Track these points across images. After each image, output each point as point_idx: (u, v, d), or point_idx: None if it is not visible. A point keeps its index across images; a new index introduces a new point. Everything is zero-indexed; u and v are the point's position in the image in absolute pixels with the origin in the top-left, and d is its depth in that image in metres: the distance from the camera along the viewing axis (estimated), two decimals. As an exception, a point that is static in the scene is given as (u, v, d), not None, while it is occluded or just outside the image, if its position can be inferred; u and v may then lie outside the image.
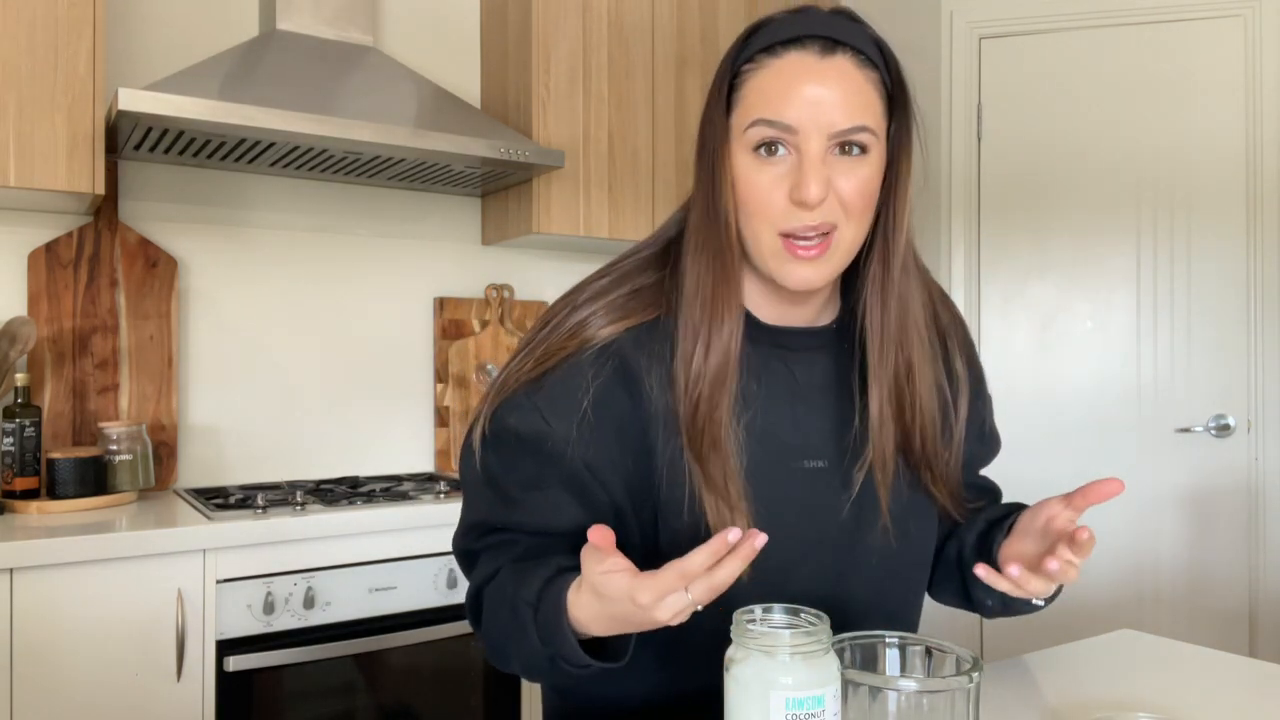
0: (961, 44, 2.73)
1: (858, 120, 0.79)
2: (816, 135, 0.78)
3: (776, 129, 0.79)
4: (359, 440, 2.43)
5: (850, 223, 0.81)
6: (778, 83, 0.79)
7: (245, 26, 2.28)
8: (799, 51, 0.80)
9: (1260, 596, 2.53)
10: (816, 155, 0.78)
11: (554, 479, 0.85)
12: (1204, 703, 0.92)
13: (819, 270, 0.81)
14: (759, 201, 0.81)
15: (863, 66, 0.81)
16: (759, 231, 0.82)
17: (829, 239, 0.81)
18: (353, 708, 1.86)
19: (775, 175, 0.80)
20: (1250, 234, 2.53)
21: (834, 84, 0.79)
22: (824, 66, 0.79)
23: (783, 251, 0.81)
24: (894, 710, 0.64)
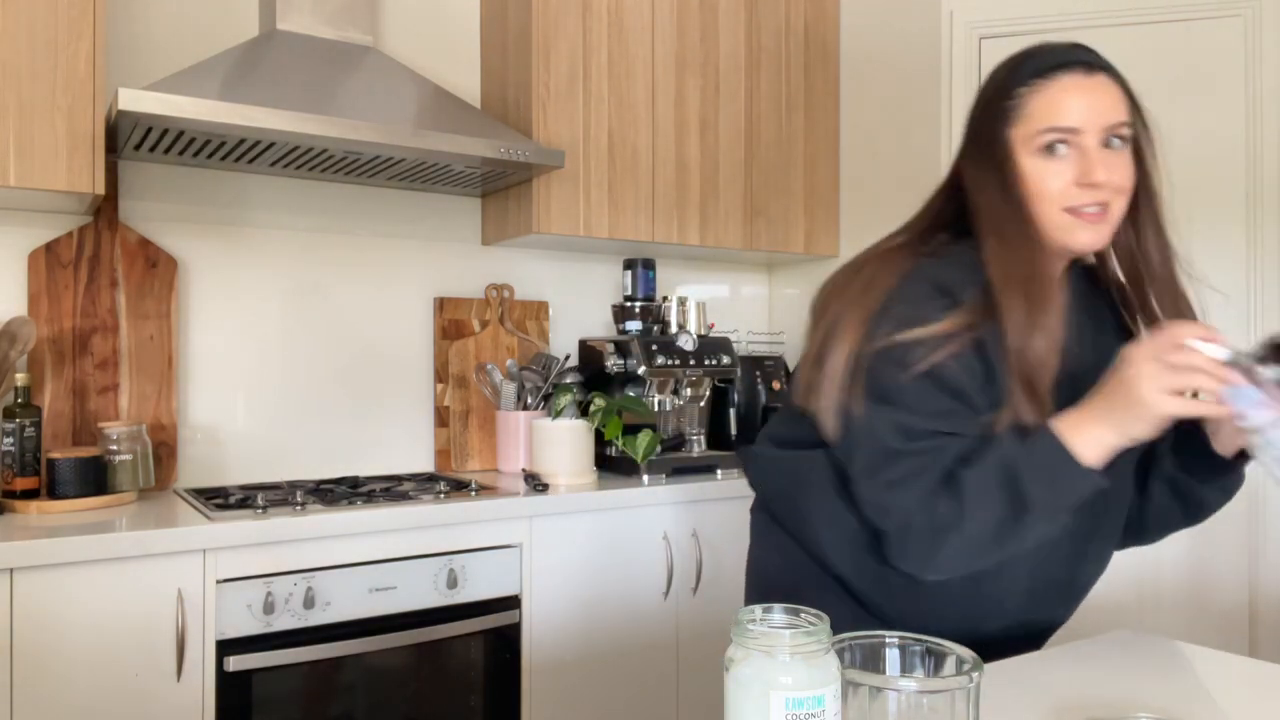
0: (961, 44, 2.73)
1: (1120, 116, 1.05)
2: (1094, 131, 1.03)
3: (1062, 132, 1.03)
4: (359, 440, 2.43)
5: (1118, 198, 1.05)
6: (1060, 97, 1.04)
7: (245, 26, 2.28)
8: (1069, 74, 1.05)
9: (1260, 596, 2.53)
10: (1095, 147, 1.03)
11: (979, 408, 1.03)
12: (1204, 703, 0.92)
13: (1100, 233, 1.05)
14: (1051, 189, 1.04)
15: (1114, 81, 1.07)
16: (1046, 211, 1.05)
17: (1106, 210, 1.04)
18: (353, 708, 1.86)
19: (1060, 167, 1.04)
20: (1250, 234, 2.53)
21: (1102, 93, 1.05)
22: (1092, 82, 1.05)
23: (1071, 222, 1.04)
24: (894, 710, 0.64)
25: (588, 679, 2.13)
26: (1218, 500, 1.14)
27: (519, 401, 2.46)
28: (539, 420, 2.28)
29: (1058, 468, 0.95)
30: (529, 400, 2.46)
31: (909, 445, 1.00)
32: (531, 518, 2.06)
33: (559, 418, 2.28)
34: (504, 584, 2.02)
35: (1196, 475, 1.10)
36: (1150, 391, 0.91)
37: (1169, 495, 1.16)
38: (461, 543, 1.97)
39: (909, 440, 1.01)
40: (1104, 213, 1.05)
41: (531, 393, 2.46)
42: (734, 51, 2.67)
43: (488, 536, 2.00)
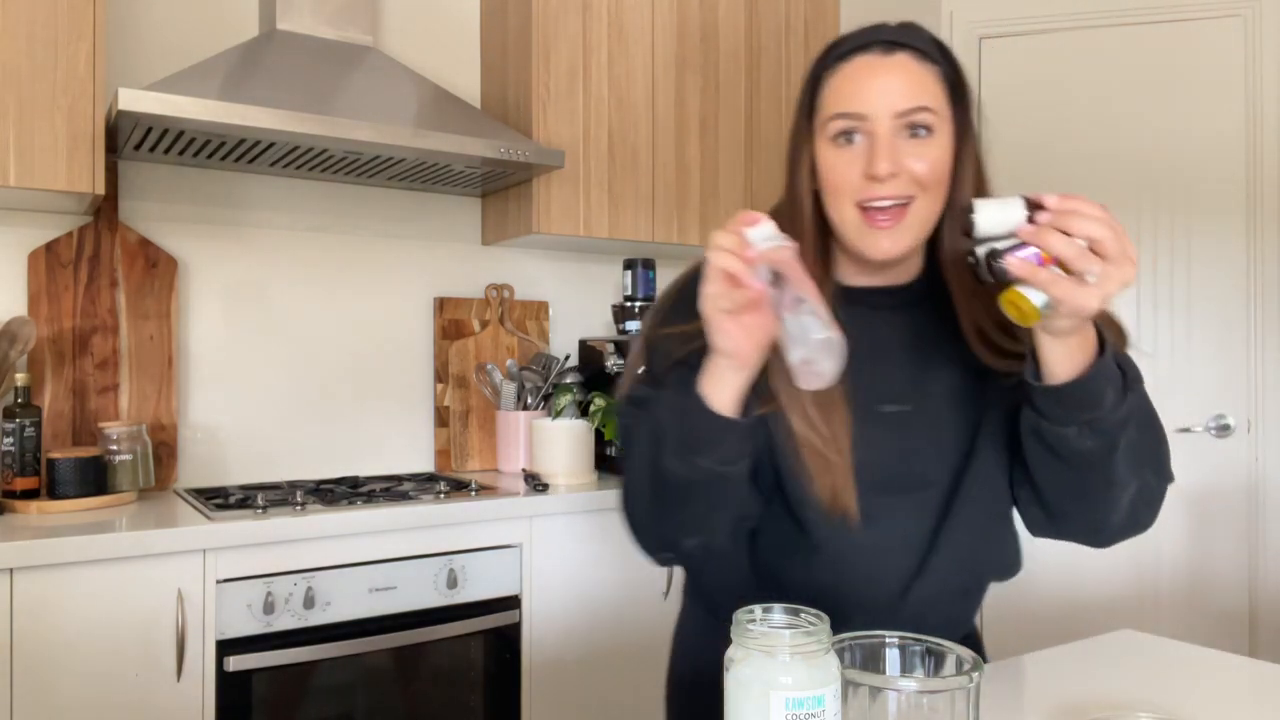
0: (961, 44, 2.73)
1: (917, 101, 0.91)
2: (884, 117, 0.91)
3: (850, 119, 0.92)
4: (359, 440, 2.43)
5: (926, 196, 0.92)
6: (849, 80, 0.94)
7: (245, 26, 2.28)
8: (865, 54, 0.94)
9: (1260, 596, 2.53)
10: (885, 135, 0.91)
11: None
12: (1204, 703, 0.92)
13: (896, 240, 0.92)
14: (837, 179, 0.94)
15: (921, 61, 0.93)
16: (840, 207, 0.94)
17: (905, 210, 0.92)
18: (353, 708, 1.86)
19: (850, 157, 0.93)
20: (1250, 234, 2.53)
21: (897, 74, 0.92)
22: (886, 62, 0.93)
23: (862, 224, 0.93)
24: (894, 710, 0.64)
25: (588, 679, 2.13)
26: (1086, 445, 0.88)
27: (519, 401, 2.46)
28: (539, 420, 2.28)
29: (689, 410, 0.88)
30: (529, 400, 2.46)
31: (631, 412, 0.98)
32: (531, 518, 2.06)
33: (559, 418, 2.28)
34: (504, 584, 2.02)
35: (1047, 414, 0.88)
36: (704, 303, 0.82)
37: (1041, 450, 0.93)
38: (461, 543, 1.97)
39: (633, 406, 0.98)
40: (901, 213, 0.92)
41: (531, 393, 2.46)
42: (734, 51, 2.67)
43: (488, 536, 2.00)
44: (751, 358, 0.84)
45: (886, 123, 0.91)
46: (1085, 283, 0.77)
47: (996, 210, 0.81)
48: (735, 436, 0.88)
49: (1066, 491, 0.94)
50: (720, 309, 0.82)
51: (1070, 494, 0.93)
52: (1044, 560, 2.66)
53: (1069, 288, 0.77)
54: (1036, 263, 0.78)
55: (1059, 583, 2.67)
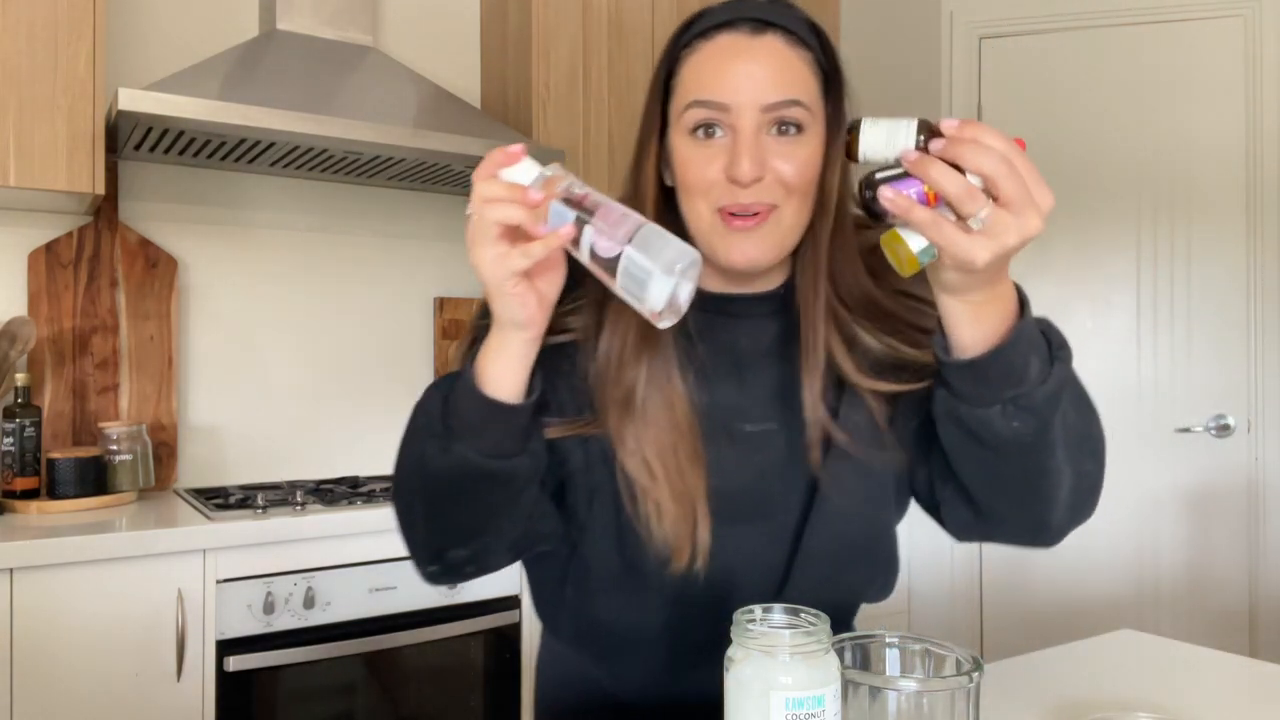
0: (961, 44, 2.73)
1: (788, 94, 0.79)
2: (749, 110, 0.78)
3: (710, 109, 0.79)
4: (359, 440, 2.43)
5: (792, 201, 0.80)
6: (710, 63, 0.81)
7: (245, 26, 2.28)
8: (730, 33, 0.81)
9: (1260, 596, 2.53)
10: (749, 131, 0.78)
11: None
12: (1204, 703, 0.92)
13: (760, 247, 0.81)
14: (696, 179, 0.81)
15: (794, 45, 0.81)
16: (698, 208, 0.81)
17: (767, 215, 0.80)
18: (353, 708, 1.86)
19: (711, 154, 0.80)
20: (1250, 234, 2.53)
21: (764, 60, 0.79)
22: (754, 44, 0.80)
23: (721, 226, 0.81)
24: (894, 710, 0.64)
25: (588, 679, 2.13)
26: (1014, 426, 0.74)
27: (519, 401, 2.46)
28: (539, 420, 2.28)
29: (456, 390, 0.78)
30: (529, 400, 2.46)
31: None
32: (531, 518, 2.06)
33: (559, 418, 2.28)
34: (504, 584, 2.02)
35: (963, 394, 0.75)
36: (472, 253, 0.70)
37: (963, 438, 0.78)
38: (461, 543, 1.97)
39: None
40: (762, 219, 0.80)
41: (531, 393, 2.46)
42: (734, 51, 2.67)
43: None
44: (544, 324, 0.74)
45: (752, 117, 0.79)
46: (971, 229, 0.65)
47: (885, 132, 0.69)
48: (508, 424, 0.76)
49: (997, 487, 0.80)
50: (511, 270, 0.69)
51: (1002, 489, 0.80)
52: (1044, 560, 2.66)
53: (951, 233, 0.65)
54: (918, 199, 0.66)
55: (1059, 583, 2.67)
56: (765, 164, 0.78)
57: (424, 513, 0.83)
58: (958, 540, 0.91)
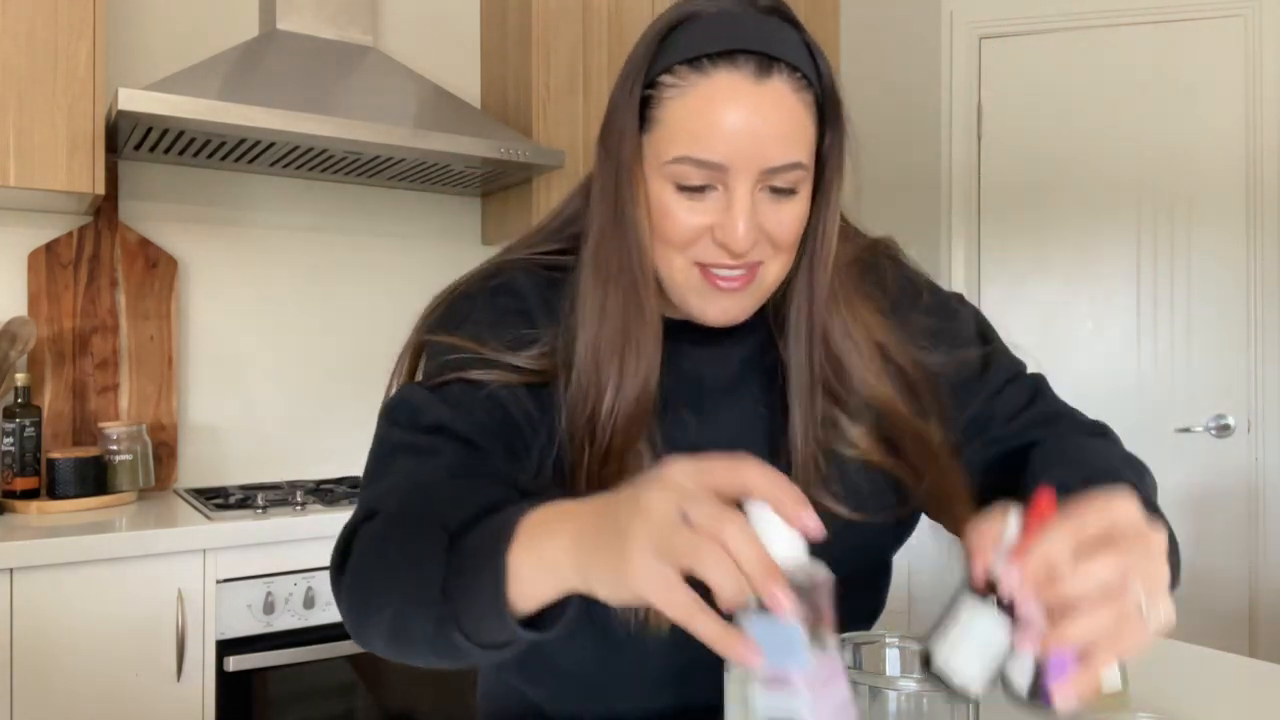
0: (961, 44, 2.73)
1: (792, 156, 0.71)
2: (746, 173, 0.70)
3: (704, 169, 0.70)
4: (359, 440, 2.42)
5: (778, 258, 0.75)
6: (705, 113, 0.69)
7: (245, 26, 2.28)
8: (730, 72, 0.69)
9: (1260, 596, 2.53)
10: (746, 197, 0.70)
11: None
12: (1204, 703, 0.92)
13: (741, 305, 0.75)
14: (680, 235, 0.72)
15: (799, 89, 0.71)
16: (673, 261, 0.74)
17: (754, 273, 0.74)
18: (353, 708, 1.86)
19: (700, 210, 0.72)
20: (1250, 234, 2.53)
21: (768, 114, 0.69)
22: (759, 93, 0.69)
23: (701, 284, 0.74)
24: (894, 710, 0.64)
25: (588, 679, 2.13)
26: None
27: (519, 401, 2.46)
28: (539, 420, 2.28)
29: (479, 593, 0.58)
30: (529, 400, 2.46)
31: (406, 436, 0.78)
32: (531, 518, 2.06)
33: (559, 418, 2.27)
34: (504, 584, 2.02)
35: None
36: (639, 554, 0.50)
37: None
38: (461, 543, 1.97)
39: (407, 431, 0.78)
40: (748, 278, 0.74)
41: (531, 393, 2.46)
42: (734, 51, 2.67)
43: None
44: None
45: (749, 179, 0.70)
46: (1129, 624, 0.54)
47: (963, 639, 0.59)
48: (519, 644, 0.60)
49: None
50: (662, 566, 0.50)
51: None
52: (1044, 560, 2.66)
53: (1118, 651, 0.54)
54: (1070, 669, 0.55)
55: (1059, 583, 2.67)
56: (759, 228, 0.72)
57: (384, 634, 0.66)
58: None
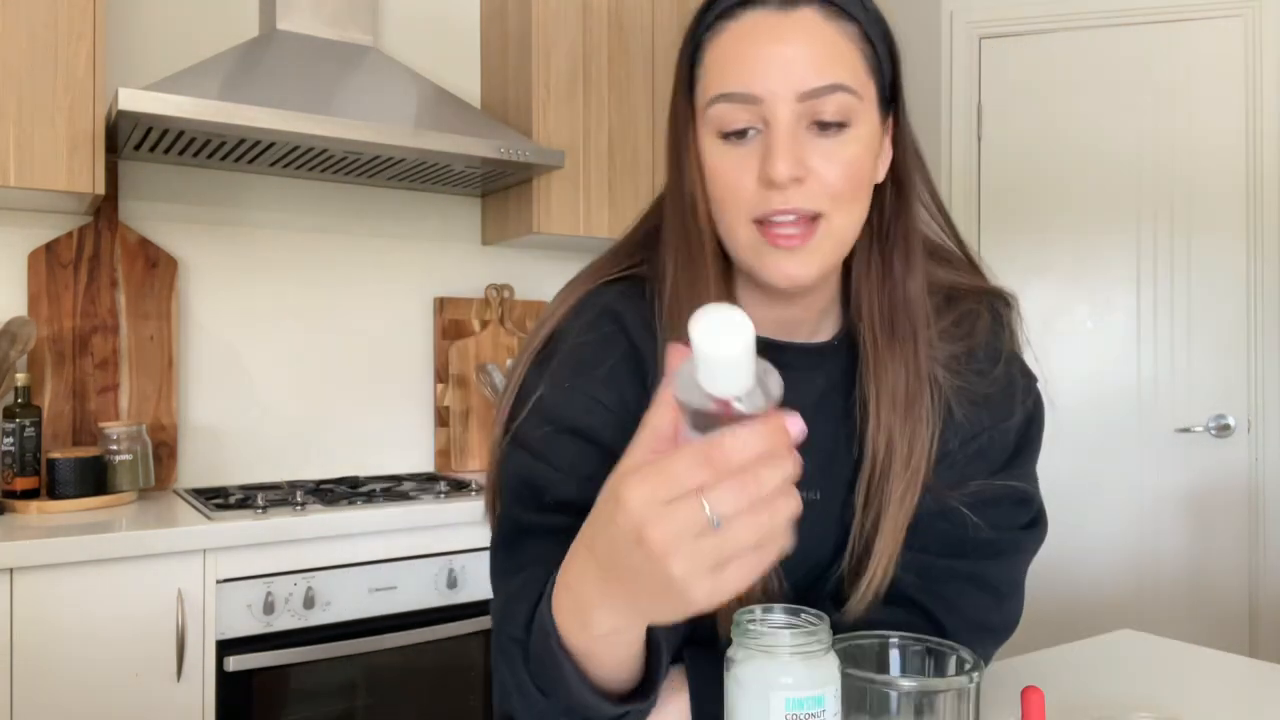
0: (961, 44, 2.73)
1: (829, 77, 0.67)
2: (784, 101, 0.67)
3: (737, 102, 0.68)
4: (359, 440, 2.43)
5: (840, 210, 0.69)
6: (734, 49, 0.69)
7: (245, 26, 2.28)
8: (756, 10, 0.69)
9: (1260, 596, 2.53)
10: (785, 125, 0.67)
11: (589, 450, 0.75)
12: (1204, 703, 0.92)
13: (805, 263, 0.70)
14: (727, 187, 0.70)
15: (834, 18, 0.69)
16: (733, 224, 0.71)
17: (814, 226, 0.69)
18: (353, 708, 1.86)
19: (744, 156, 0.69)
20: (1250, 234, 2.53)
21: (798, 39, 0.67)
22: (785, 22, 0.67)
23: (760, 242, 0.70)
24: (894, 710, 0.64)
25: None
26: None
27: (519, 401, 2.46)
28: (539, 420, 2.27)
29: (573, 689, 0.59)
30: (529, 400, 2.46)
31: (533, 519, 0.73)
32: (531, 518, 2.06)
33: (559, 418, 2.27)
34: (504, 584, 2.02)
35: None
36: (688, 589, 0.47)
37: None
38: (461, 543, 1.97)
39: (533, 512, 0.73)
40: (809, 230, 0.69)
41: (531, 393, 2.46)
42: (734, 51, 2.67)
43: (487, 537, 2.00)
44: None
45: (787, 108, 0.67)
46: None
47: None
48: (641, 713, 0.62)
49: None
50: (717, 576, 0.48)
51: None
52: (1044, 560, 2.66)
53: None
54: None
55: (1059, 583, 2.67)
56: (804, 164, 0.67)
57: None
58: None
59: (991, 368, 0.82)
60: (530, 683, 0.62)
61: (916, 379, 0.76)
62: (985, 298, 0.85)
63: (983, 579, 0.81)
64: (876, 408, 0.76)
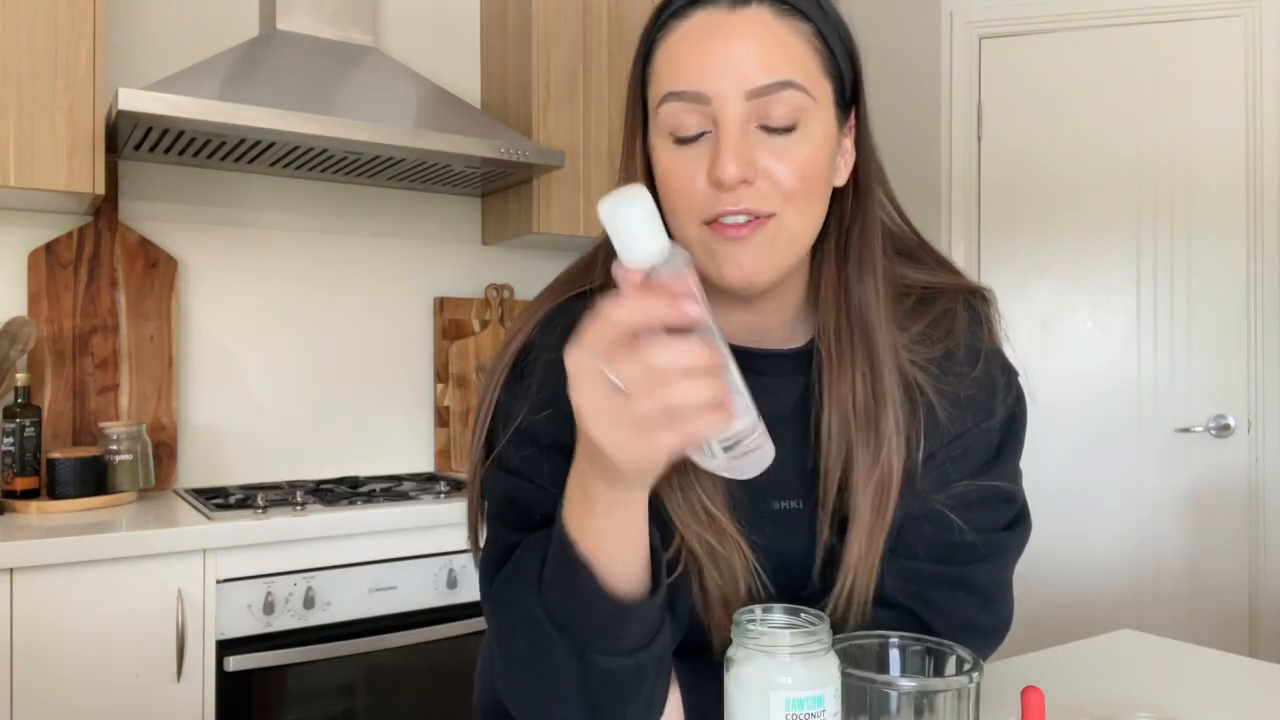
0: (961, 44, 2.73)
1: (777, 74, 0.66)
2: (732, 99, 0.66)
3: (686, 101, 0.67)
4: (359, 440, 2.43)
5: (793, 209, 0.68)
6: (682, 46, 0.68)
7: (245, 26, 2.28)
8: (707, 9, 0.68)
9: (1260, 596, 2.53)
10: (733, 124, 0.66)
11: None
12: (1204, 703, 0.92)
13: (756, 258, 0.68)
14: (680, 192, 0.68)
15: (785, 16, 0.68)
16: (685, 226, 0.69)
17: (766, 221, 0.68)
18: (353, 708, 1.86)
19: (694, 158, 0.68)
20: (1250, 234, 2.53)
21: (746, 37, 0.66)
22: (734, 19, 0.67)
23: (711, 238, 0.68)
24: (894, 710, 0.64)
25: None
26: None
27: (519, 401, 2.46)
28: (539, 420, 2.27)
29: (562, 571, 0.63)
30: (529, 400, 2.46)
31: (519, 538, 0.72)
32: (531, 518, 2.06)
33: (559, 418, 2.27)
34: (504, 584, 2.02)
35: None
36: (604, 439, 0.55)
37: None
38: (461, 543, 1.97)
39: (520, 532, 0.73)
40: (757, 227, 0.67)
41: (531, 393, 2.46)
42: (734, 51, 2.67)
43: (488, 536, 2.00)
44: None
45: (736, 107, 0.66)
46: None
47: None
48: (644, 617, 0.64)
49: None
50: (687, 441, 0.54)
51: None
52: (1044, 560, 2.66)
53: None
54: None
55: (1059, 583, 2.67)
56: (754, 164, 0.66)
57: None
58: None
59: (972, 368, 0.82)
60: (546, 619, 0.64)
61: (877, 389, 0.75)
62: (961, 295, 0.84)
63: (970, 583, 0.81)
64: (829, 424, 0.76)
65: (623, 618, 0.63)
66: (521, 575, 0.67)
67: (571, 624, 0.64)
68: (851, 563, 0.76)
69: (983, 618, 0.82)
